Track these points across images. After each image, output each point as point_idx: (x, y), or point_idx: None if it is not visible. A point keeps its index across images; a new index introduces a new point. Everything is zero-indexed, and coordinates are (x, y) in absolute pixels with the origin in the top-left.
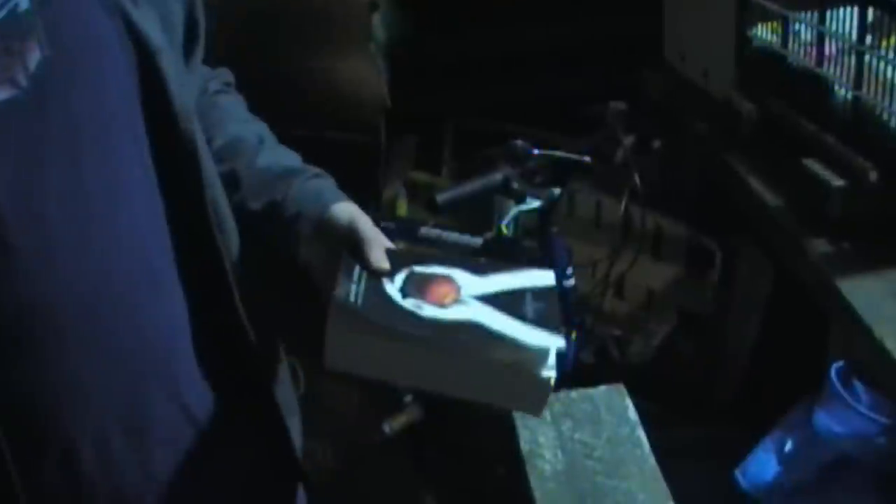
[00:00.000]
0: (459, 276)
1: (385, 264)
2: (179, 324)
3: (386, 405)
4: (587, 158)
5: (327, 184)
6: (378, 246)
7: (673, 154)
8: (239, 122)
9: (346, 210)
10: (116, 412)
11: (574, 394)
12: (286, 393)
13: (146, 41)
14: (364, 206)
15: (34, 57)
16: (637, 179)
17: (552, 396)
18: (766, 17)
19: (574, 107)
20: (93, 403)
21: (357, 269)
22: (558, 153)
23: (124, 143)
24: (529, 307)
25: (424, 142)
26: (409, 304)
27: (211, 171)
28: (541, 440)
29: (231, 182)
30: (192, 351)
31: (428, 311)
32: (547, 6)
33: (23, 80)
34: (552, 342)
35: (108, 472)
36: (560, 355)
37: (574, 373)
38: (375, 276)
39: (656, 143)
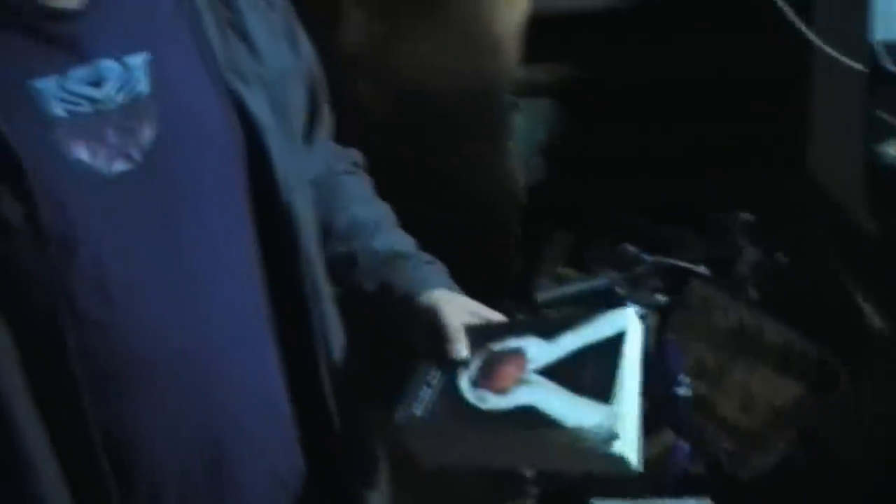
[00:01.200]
0: (531, 346)
1: (461, 354)
2: (268, 385)
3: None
4: (703, 268)
5: (435, 270)
6: (457, 336)
7: (799, 268)
8: (361, 203)
9: (437, 296)
10: (201, 459)
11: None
12: (369, 468)
13: (254, 120)
14: (496, 296)
15: (148, 135)
16: (754, 293)
17: None
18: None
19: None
20: (180, 449)
21: (433, 369)
22: (672, 261)
23: (225, 214)
24: (589, 373)
25: (578, 236)
26: (475, 396)
27: (311, 246)
28: None
29: (348, 262)
30: (278, 413)
31: (491, 403)
32: (699, 107)
33: (137, 156)
34: (602, 415)
35: None
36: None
37: (682, 483)
38: (451, 366)
39: (781, 257)
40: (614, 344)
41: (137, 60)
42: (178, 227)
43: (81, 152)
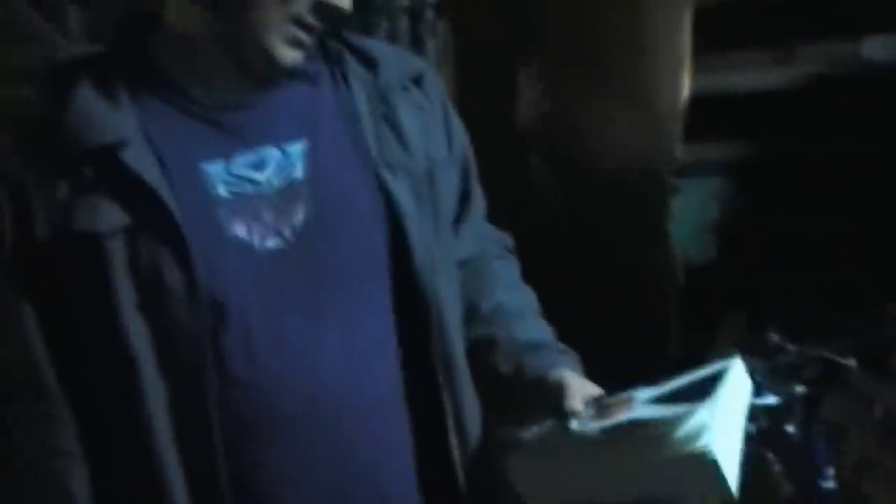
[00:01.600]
0: (640, 392)
1: (577, 406)
2: (397, 453)
3: None
4: (852, 360)
5: (568, 359)
6: (577, 394)
7: None
8: (508, 290)
9: (564, 373)
10: None
11: None
12: None
13: (397, 208)
14: (647, 380)
15: (300, 216)
16: None
17: None
18: None
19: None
20: (310, 501)
21: (549, 419)
22: (818, 351)
23: (367, 290)
24: (693, 394)
25: (752, 318)
26: (580, 426)
27: (451, 324)
28: None
29: (489, 345)
30: (406, 482)
31: (592, 426)
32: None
33: (289, 235)
34: (691, 410)
35: None
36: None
37: None
38: (565, 417)
39: None
40: (715, 377)
41: (296, 148)
42: (322, 301)
43: (239, 229)
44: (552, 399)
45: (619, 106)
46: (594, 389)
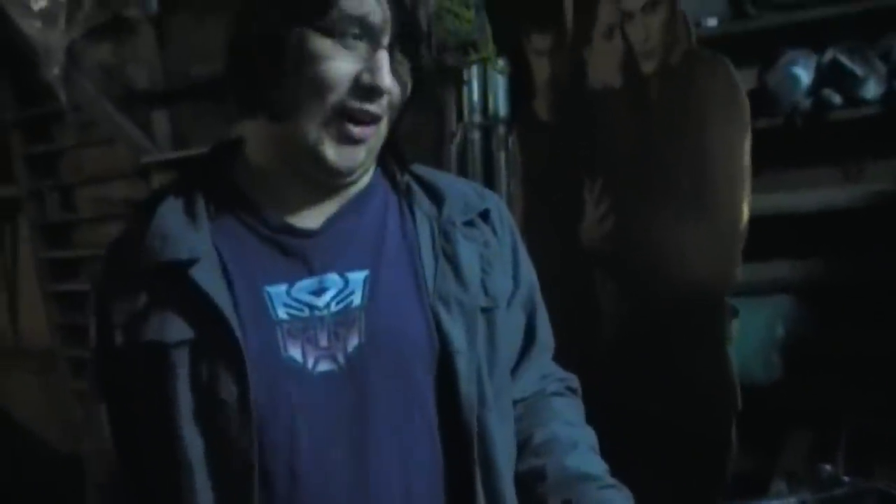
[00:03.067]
0: None
1: None
2: None
3: None
4: None
5: (620, 495)
6: None
7: None
8: (563, 423)
9: None
10: None
11: None
12: None
13: (449, 342)
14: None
15: (353, 342)
16: None
17: None
18: None
19: None
20: None
21: None
22: (873, 484)
23: (414, 418)
24: None
25: (818, 439)
26: None
27: (497, 461)
28: None
29: (539, 475)
30: None
31: None
32: None
33: (341, 359)
34: None
35: None
36: None
37: None
38: None
39: None
40: None
41: (358, 276)
42: (368, 427)
43: (295, 351)
44: None
45: (681, 226)
46: None
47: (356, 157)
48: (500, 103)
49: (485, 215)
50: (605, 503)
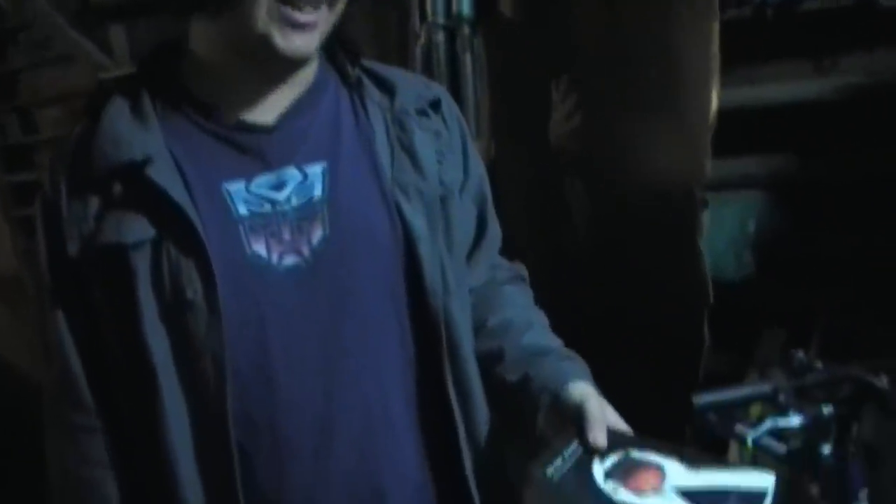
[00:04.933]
0: (671, 466)
1: (601, 442)
2: (408, 466)
3: None
4: (882, 380)
5: (576, 366)
6: (599, 425)
7: None
8: (515, 307)
9: (580, 389)
10: None
11: None
12: None
13: (411, 229)
14: (680, 398)
15: (317, 235)
16: None
17: None
18: None
19: None
20: None
21: (574, 445)
22: (847, 370)
23: (383, 309)
24: (723, 497)
25: (792, 337)
26: (607, 486)
27: (465, 345)
28: None
29: (497, 356)
30: (419, 496)
31: (622, 496)
32: None
33: (306, 252)
34: None
35: None
36: None
37: None
38: (589, 453)
39: None
40: (757, 498)
41: (316, 169)
42: (337, 320)
43: (259, 247)
44: (571, 416)
45: (649, 120)
46: (613, 417)
47: (306, 42)
48: (465, 2)
49: (435, 106)
50: (562, 374)
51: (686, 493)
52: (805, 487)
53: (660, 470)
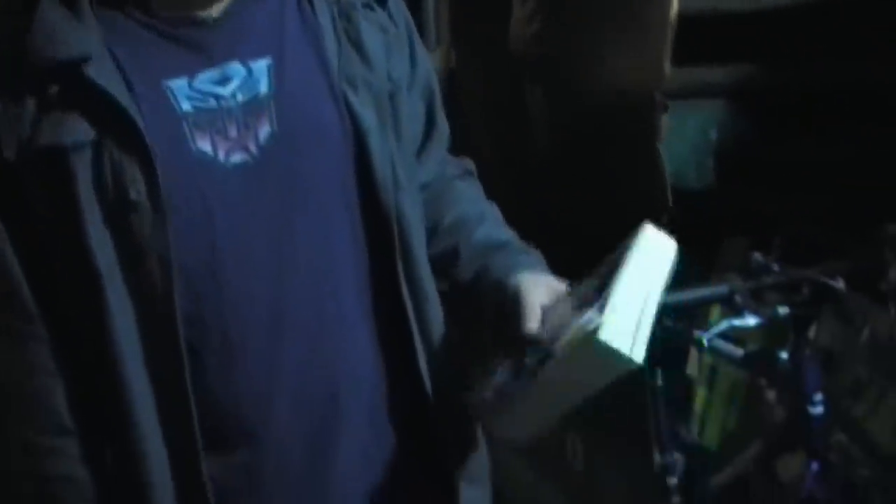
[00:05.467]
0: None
1: (531, 330)
2: (365, 372)
3: (650, 499)
4: (840, 283)
5: (530, 259)
6: (530, 314)
7: None
8: (468, 202)
9: (523, 278)
10: (300, 433)
11: None
12: (472, 461)
13: (360, 122)
14: None
15: (264, 131)
16: (893, 311)
17: None
18: None
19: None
20: (273, 426)
21: (505, 361)
22: (804, 273)
23: (334, 205)
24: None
25: (754, 244)
26: (532, 363)
27: (416, 244)
28: None
29: (452, 256)
30: (376, 400)
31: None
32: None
33: (254, 149)
34: (585, 325)
35: (287, 485)
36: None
37: None
38: (522, 345)
39: None
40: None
41: (261, 64)
42: (288, 217)
43: (205, 144)
44: (510, 307)
45: (608, 24)
46: (555, 285)
47: None
48: None
49: (382, 1)
50: (517, 266)
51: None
52: (762, 391)
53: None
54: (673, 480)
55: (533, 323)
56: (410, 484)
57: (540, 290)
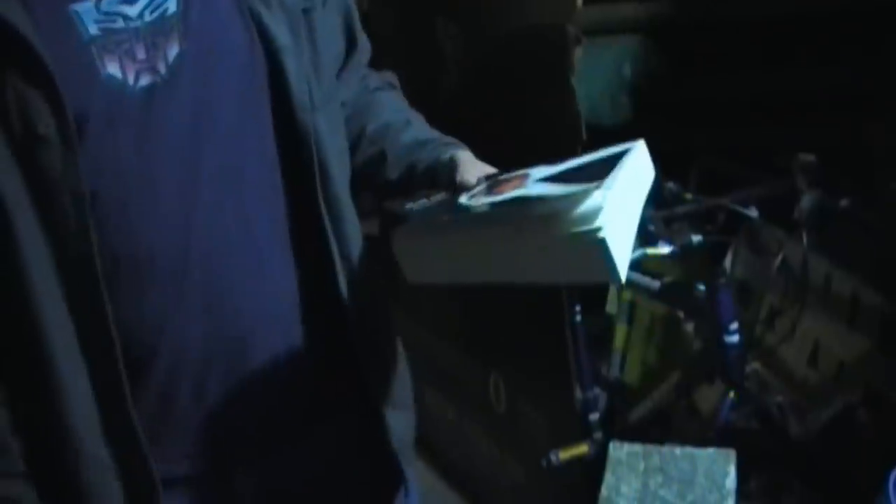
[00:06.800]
0: (536, 169)
1: (469, 179)
2: (281, 295)
3: (572, 436)
4: (754, 211)
5: (460, 148)
6: (470, 168)
7: (869, 216)
8: (392, 111)
9: (459, 153)
10: (215, 363)
11: (678, 451)
12: (395, 388)
13: (273, 40)
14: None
15: (173, 51)
16: (805, 239)
17: (652, 449)
18: None
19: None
20: (191, 349)
21: (441, 194)
22: (716, 200)
23: (247, 127)
24: (590, 174)
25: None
26: (468, 201)
27: (330, 162)
28: (622, 489)
29: (379, 160)
30: (293, 324)
31: (482, 200)
32: (792, 52)
33: (162, 70)
34: (585, 190)
35: (203, 414)
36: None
37: (725, 433)
38: (456, 191)
39: (843, 202)
40: (618, 156)
41: None
42: (198, 139)
43: (114, 68)
44: (445, 176)
45: None
46: (490, 169)
47: None
48: None
49: None
50: (447, 155)
51: (547, 178)
52: (679, 324)
53: (525, 175)
54: (595, 416)
55: (469, 177)
56: (334, 413)
57: (476, 161)
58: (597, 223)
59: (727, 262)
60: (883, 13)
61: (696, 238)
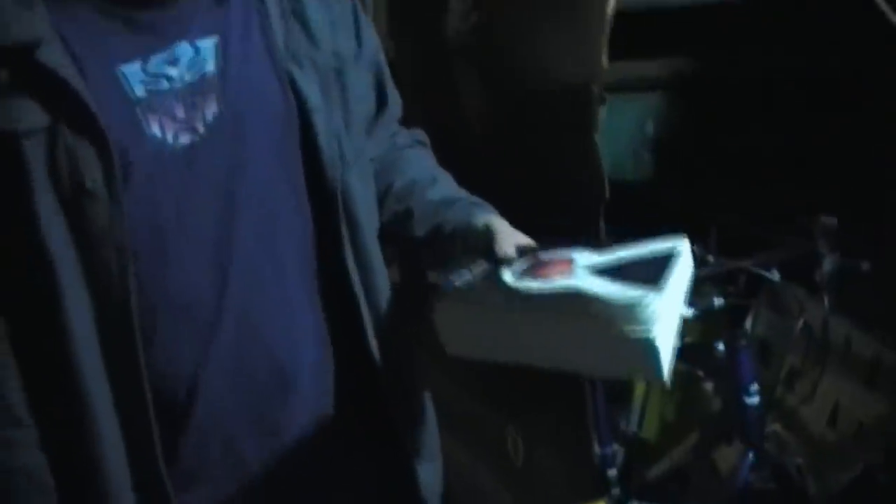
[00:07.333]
0: (581, 254)
1: (509, 252)
2: (307, 346)
3: (589, 492)
4: (775, 273)
5: (485, 208)
6: (508, 238)
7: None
8: (419, 168)
9: (493, 218)
10: (248, 415)
11: None
12: (424, 438)
13: (305, 99)
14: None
15: (211, 110)
16: (826, 302)
17: None
18: None
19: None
20: (223, 402)
21: (481, 262)
22: (739, 264)
23: (280, 183)
24: (636, 273)
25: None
26: (515, 282)
27: (363, 216)
28: None
29: (405, 217)
30: (323, 375)
31: (532, 284)
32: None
33: (201, 129)
34: (643, 296)
35: (235, 462)
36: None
37: (744, 495)
38: (497, 263)
39: (865, 265)
40: (665, 258)
41: (208, 43)
42: (235, 194)
43: (155, 127)
44: (480, 242)
45: (545, 16)
46: (525, 239)
47: None
48: None
49: None
50: (472, 214)
51: (596, 269)
52: (699, 383)
53: (570, 261)
54: (612, 472)
55: (509, 248)
56: (364, 464)
57: (512, 231)
58: (650, 329)
59: (748, 322)
60: None
61: (718, 301)
